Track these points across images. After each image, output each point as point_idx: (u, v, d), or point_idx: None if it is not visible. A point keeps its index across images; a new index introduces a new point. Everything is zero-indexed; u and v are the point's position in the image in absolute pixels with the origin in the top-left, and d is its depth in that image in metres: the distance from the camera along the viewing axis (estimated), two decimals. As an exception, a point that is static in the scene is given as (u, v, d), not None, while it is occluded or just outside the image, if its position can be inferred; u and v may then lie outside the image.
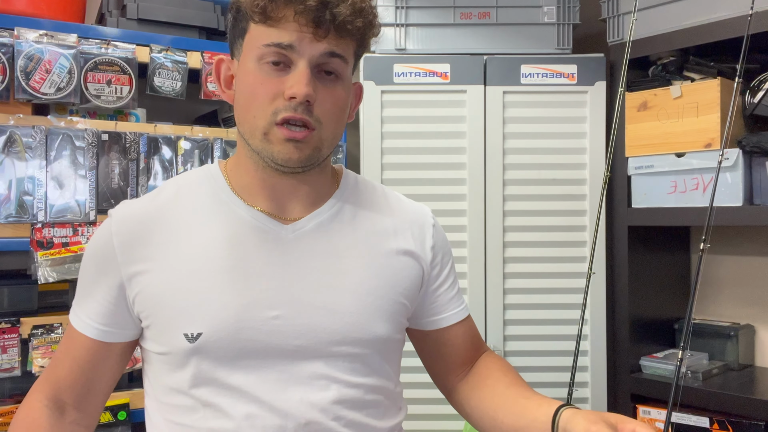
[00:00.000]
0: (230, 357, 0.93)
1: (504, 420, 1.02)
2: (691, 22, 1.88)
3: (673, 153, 1.91)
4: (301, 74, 0.91)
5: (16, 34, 1.68)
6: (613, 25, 2.06)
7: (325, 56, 0.93)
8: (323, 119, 0.94)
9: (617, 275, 2.04)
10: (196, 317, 0.93)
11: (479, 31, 2.06)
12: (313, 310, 0.96)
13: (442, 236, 1.13)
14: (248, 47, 0.95)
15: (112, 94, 1.80)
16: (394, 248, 1.04)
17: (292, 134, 0.92)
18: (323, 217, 1.01)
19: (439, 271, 1.11)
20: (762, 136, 1.77)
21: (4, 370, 1.63)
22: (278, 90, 0.92)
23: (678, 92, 1.90)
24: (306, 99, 0.90)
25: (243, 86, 0.96)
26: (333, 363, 0.97)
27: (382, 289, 1.01)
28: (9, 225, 1.65)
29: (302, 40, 0.91)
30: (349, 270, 0.99)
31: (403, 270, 1.04)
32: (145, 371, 1.02)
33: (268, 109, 0.92)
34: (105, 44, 1.80)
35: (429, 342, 1.14)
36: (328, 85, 0.95)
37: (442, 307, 1.11)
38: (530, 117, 2.04)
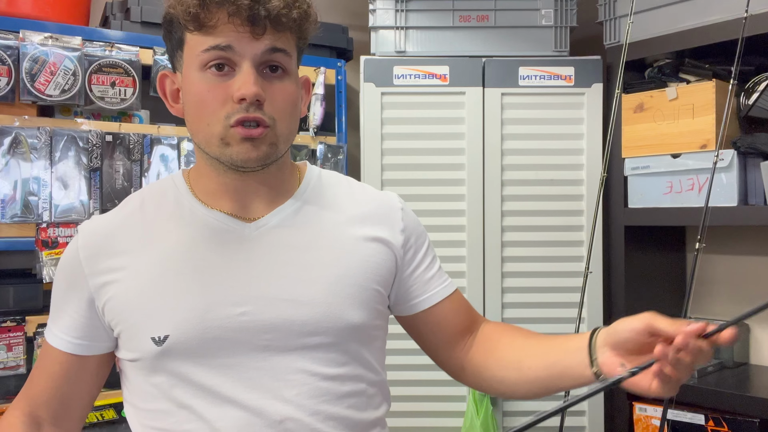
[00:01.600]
0: (200, 356, 0.91)
1: (531, 365, 0.98)
2: (687, 25, 1.88)
3: (669, 154, 1.91)
4: (246, 74, 0.89)
5: (21, 37, 1.68)
6: (609, 27, 2.06)
7: (267, 53, 0.91)
8: (276, 116, 0.92)
9: (614, 274, 2.04)
10: (163, 320, 0.91)
11: (478, 33, 2.06)
12: (281, 303, 0.93)
13: (412, 218, 1.09)
14: (188, 58, 0.93)
15: (116, 96, 1.80)
16: (361, 235, 1.01)
17: (248, 132, 0.90)
18: (286, 213, 0.99)
19: (414, 253, 1.07)
20: (756, 137, 1.77)
21: (9, 367, 1.63)
22: (226, 94, 0.90)
23: (674, 94, 1.90)
24: (256, 98, 0.89)
25: (190, 97, 0.93)
26: (307, 355, 0.94)
27: (351, 276, 0.98)
28: (14, 225, 1.66)
29: (241, 40, 0.89)
30: (316, 261, 0.97)
31: (373, 256, 1.01)
32: (123, 381, 1.01)
33: (221, 114, 0.90)
34: (109, 47, 1.80)
35: (422, 325, 1.10)
36: (276, 82, 0.93)
37: (424, 286, 1.07)
38: (528, 118, 2.04)
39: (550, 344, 0.98)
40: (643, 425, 1.95)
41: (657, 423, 1.91)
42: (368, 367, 1.00)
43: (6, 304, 1.78)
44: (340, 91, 2.17)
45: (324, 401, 0.94)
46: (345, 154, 2.18)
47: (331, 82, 2.15)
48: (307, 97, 1.05)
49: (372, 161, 2.02)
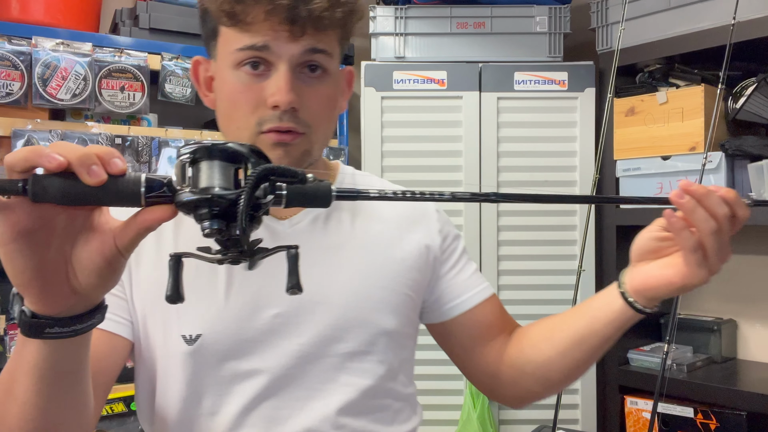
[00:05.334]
0: (229, 359, 0.83)
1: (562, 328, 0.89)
2: (677, 32, 1.88)
3: (659, 156, 1.91)
4: (281, 79, 0.80)
5: (33, 43, 1.68)
6: (602, 34, 2.06)
7: (306, 54, 0.81)
8: (312, 122, 0.84)
9: (606, 272, 2.04)
10: (196, 317, 0.83)
11: (475, 40, 2.06)
12: (314, 306, 0.85)
13: (446, 220, 1.01)
14: (222, 51, 0.85)
15: (125, 100, 1.80)
16: (396, 238, 0.93)
17: (280, 137, 0.82)
18: (319, 212, 0.91)
19: (450, 254, 0.98)
20: (744, 139, 1.76)
21: (22, 362, 1.63)
22: (259, 98, 0.81)
23: (664, 98, 1.90)
24: (290, 106, 0.81)
25: (222, 95, 0.86)
26: (339, 364, 0.86)
27: (383, 279, 0.90)
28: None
29: (278, 40, 0.80)
30: (349, 263, 0.89)
31: (407, 260, 0.93)
32: (139, 377, 0.89)
33: (252, 120, 0.82)
34: (118, 52, 1.79)
35: (457, 330, 0.98)
36: (314, 84, 0.84)
37: (461, 288, 0.97)
38: (523, 122, 2.04)
39: (578, 310, 0.90)
40: (634, 418, 1.95)
41: (647, 416, 1.91)
42: (398, 379, 0.92)
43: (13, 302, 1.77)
44: (341, 95, 2.16)
45: (350, 414, 0.86)
46: (346, 156, 2.18)
47: (333, 87, 2.15)
48: (349, 91, 0.96)
49: (372, 163, 2.02)
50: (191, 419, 0.85)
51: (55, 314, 0.58)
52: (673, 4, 1.88)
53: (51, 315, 0.58)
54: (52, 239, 0.56)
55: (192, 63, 0.93)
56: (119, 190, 0.53)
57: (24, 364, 0.62)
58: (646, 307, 0.83)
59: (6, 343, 1.61)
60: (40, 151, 0.51)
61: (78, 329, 0.59)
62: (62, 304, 0.58)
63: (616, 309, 0.83)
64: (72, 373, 0.65)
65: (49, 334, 0.58)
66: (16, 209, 0.53)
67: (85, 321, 0.60)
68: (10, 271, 0.56)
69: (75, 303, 0.58)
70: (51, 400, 0.64)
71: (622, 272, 0.85)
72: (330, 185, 0.58)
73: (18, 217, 0.53)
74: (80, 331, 0.60)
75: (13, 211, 0.53)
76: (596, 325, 0.85)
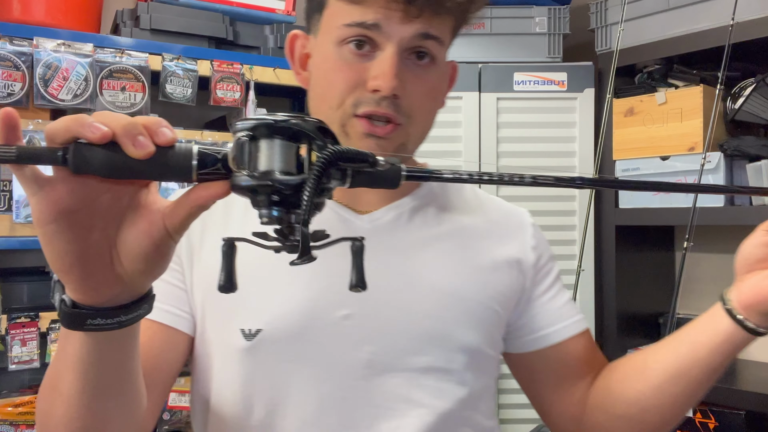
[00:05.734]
0: (291, 361, 0.74)
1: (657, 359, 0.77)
2: (676, 32, 1.88)
3: (658, 156, 1.91)
4: (387, 62, 0.73)
5: (35, 44, 1.68)
6: (601, 35, 2.06)
7: (417, 38, 0.74)
8: (412, 113, 0.76)
9: (605, 272, 2.04)
10: (256, 311, 0.75)
11: (474, 40, 2.06)
12: (389, 311, 0.76)
13: (543, 238, 0.91)
14: (326, 26, 0.77)
15: (126, 101, 1.80)
16: (485, 248, 0.84)
17: (372, 129, 0.74)
18: (404, 209, 0.83)
19: (544, 275, 0.88)
20: (742, 140, 1.76)
21: (23, 362, 1.63)
22: (360, 79, 0.74)
23: (663, 99, 1.90)
24: (393, 93, 0.73)
25: (319, 72, 0.78)
26: (415, 380, 0.75)
27: (469, 290, 0.80)
28: (28, 224, 1.65)
29: (390, 20, 0.72)
30: (431, 267, 0.80)
31: (496, 272, 0.83)
32: (193, 378, 0.82)
33: (348, 100, 0.74)
34: (119, 53, 1.79)
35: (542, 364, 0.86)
36: (420, 73, 0.76)
37: (552, 317, 0.86)
38: (523, 122, 2.04)
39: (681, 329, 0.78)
40: (633, 417, 1.95)
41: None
42: (479, 408, 0.81)
43: (20, 300, 1.78)
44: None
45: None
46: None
47: (333, 87, 2.15)
48: (451, 85, 0.87)
49: (372, 163, 2.02)
50: (237, 422, 0.76)
51: (98, 304, 0.52)
52: (672, 5, 1.88)
53: (93, 305, 0.52)
54: (95, 220, 0.50)
55: (289, 37, 0.84)
56: (168, 163, 0.48)
57: (67, 358, 0.56)
58: (759, 326, 0.71)
59: (7, 343, 1.61)
60: (83, 120, 0.46)
61: (123, 321, 0.53)
62: (106, 292, 0.52)
63: (724, 330, 0.72)
64: (118, 369, 0.58)
65: (92, 326, 0.52)
66: (57, 186, 0.47)
67: (131, 312, 0.53)
68: (49, 254, 0.50)
69: (119, 292, 0.52)
70: (96, 398, 0.58)
71: (726, 290, 0.74)
72: (400, 164, 0.51)
73: (59, 194, 0.47)
74: (125, 323, 0.53)
75: (54, 188, 0.47)
76: (699, 353, 0.74)
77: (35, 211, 0.48)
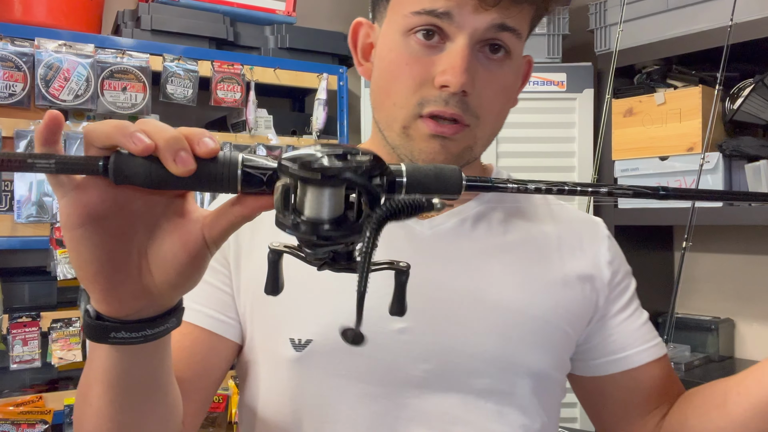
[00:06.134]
0: (341, 375, 0.69)
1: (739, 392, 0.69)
2: (674, 33, 1.88)
3: (657, 156, 1.91)
4: (457, 55, 0.66)
5: (36, 44, 1.68)
6: (600, 35, 2.06)
7: (492, 29, 0.67)
8: (481, 113, 0.69)
9: (604, 272, 2.03)
10: (307, 320, 0.70)
11: (474, 41, 2.06)
12: (449, 327, 0.70)
13: (619, 251, 0.83)
14: (393, 13, 0.71)
15: (127, 101, 1.80)
16: (557, 261, 0.76)
17: (439, 129, 0.68)
18: (468, 215, 0.76)
19: (620, 293, 0.80)
20: (741, 140, 1.77)
21: (25, 361, 1.63)
22: (427, 74, 0.68)
23: (662, 99, 1.90)
24: (462, 89, 0.66)
25: (384, 63, 0.72)
26: (473, 402, 0.69)
27: (539, 309, 0.73)
28: (30, 224, 1.65)
29: (463, 8, 0.66)
30: (497, 281, 0.73)
31: (569, 289, 0.75)
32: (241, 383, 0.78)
33: (413, 99, 0.69)
34: (120, 54, 1.80)
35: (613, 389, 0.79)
36: (493, 68, 0.69)
37: (628, 339, 0.79)
38: (522, 122, 2.04)
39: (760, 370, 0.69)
40: (632, 416, 1.95)
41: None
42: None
43: (22, 300, 1.78)
44: (341, 96, 2.17)
45: None
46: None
47: (333, 88, 2.15)
48: (524, 82, 0.81)
49: (372, 163, 2.02)
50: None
51: (123, 317, 0.48)
52: (671, 6, 1.89)
53: (118, 317, 0.48)
54: (126, 228, 0.46)
55: (353, 25, 0.78)
56: (211, 174, 0.44)
57: (94, 370, 0.53)
58: None
59: (9, 342, 1.61)
60: (126, 130, 0.43)
61: (149, 335, 0.49)
62: (131, 305, 0.48)
63: None
64: (147, 381, 0.55)
65: (116, 339, 0.49)
66: (88, 189, 0.44)
67: (158, 326, 0.50)
68: (74, 260, 0.46)
69: (146, 304, 0.49)
70: (125, 411, 0.55)
71: None
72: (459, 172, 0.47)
73: (89, 198, 0.44)
74: (151, 338, 0.49)
75: (85, 191, 0.44)
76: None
77: (63, 214, 0.45)
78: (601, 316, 0.79)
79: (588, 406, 0.84)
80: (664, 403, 0.80)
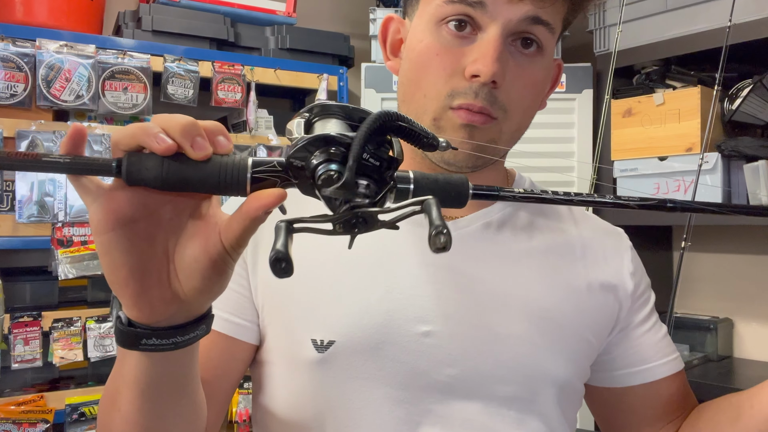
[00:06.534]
0: (364, 378, 0.67)
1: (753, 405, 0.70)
2: (673, 34, 1.88)
3: (656, 157, 1.91)
4: (489, 44, 0.65)
5: (37, 45, 1.68)
6: (599, 36, 2.06)
7: (525, 22, 0.66)
8: (509, 107, 0.68)
9: (603, 272, 2.04)
10: (329, 320, 0.68)
11: (473, 42, 2.06)
12: (474, 332, 0.68)
13: (640, 263, 0.83)
14: (426, 4, 0.70)
15: (128, 102, 1.80)
16: (581, 269, 0.76)
17: (470, 117, 0.67)
18: (493, 217, 0.75)
19: (642, 305, 0.80)
20: (739, 140, 1.77)
21: (26, 360, 1.63)
22: (458, 64, 0.67)
23: (661, 99, 1.90)
24: (492, 79, 0.65)
25: (413, 55, 0.70)
26: (495, 409, 0.68)
27: (564, 317, 0.72)
28: (31, 224, 1.66)
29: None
30: (523, 286, 0.72)
31: (592, 298, 0.75)
32: (255, 384, 0.76)
33: (443, 89, 0.67)
34: (121, 54, 1.80)
35: (629, 401, 0.79)
36: (524, 62, 0.68)
37: (648, 352, 0.78)
38: (521, 123, 2.04)
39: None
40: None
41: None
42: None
43: (23, 300, 1.78)
44: (342, 96, 2.17)
45: None
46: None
47: (334, 89, 2.15)
48: (554, 86, 0.80)
49: (372, 164, 2.02)
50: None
51: (154, 323, 0.48)
52: (670, 7, 1.88)
53: (149, 323, 0.48)
54: (155, 232, 0.47)
55: (383, 20, 0.77)
56: (221, 174, 0.45)
57: (124, 376, 0.53)
58: None
59: (10, 342, 1.61)
60: (149, 130, 0.44)
61: (179, 342, 0.49)
62: (162, 311, 0.48)
63: None
64: (177, 388, 0.55)
65: (147, 346, 0.49)
66: (116, 194, 0.45)
67: (188, 333, 0.50)
68: (105, 266, 0.46)
69: (176, 311, 0.49)
70: (154, 418, 0.55)
71: None
72: (466, 180, 0.47)
73: (118, 203, 0.45)
74: (181, 344, 0.50)
75: (113, 196, 0.45)
76: None
77: (93, 220, 0.45)
78: (622, 327, 0.78)
79: (600, 415, 0.83)
80: (679, 417, 0.80)
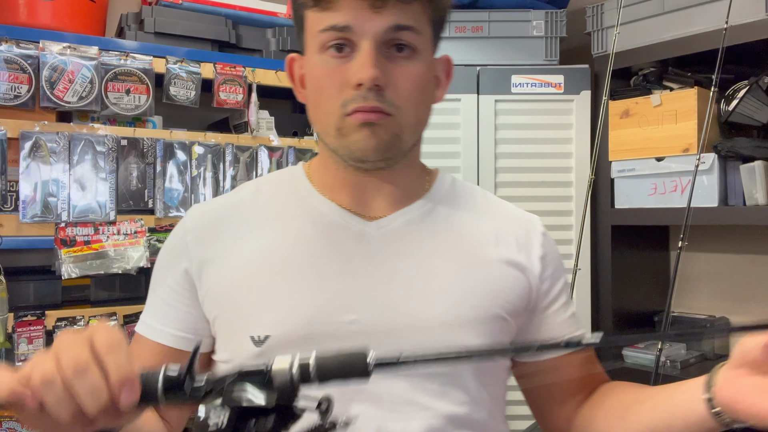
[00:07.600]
0: None
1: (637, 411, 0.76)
2: (670, 36, 1.88)
3: (653, 157, 1.91)
4: (364, 56, 0.73)
5: (41, 47, 1.68)
6: (597, 38, 2.06)
7: (390, 31, 0.74)
8: (399, 103, 0.76)
9: (601, 271, 2.04)
10: (265, 318, 0.76)
11: (473, 43, 2.06)
12: (396, 317, 0.76)
13: (552, 247, 0.90)
14: (309, 39, 0.78)
15: (130, 103, 1.80)
16: (494, 255, 0.83)
17: (366, 116, 0.74)
18: (413, 215, 0.83)
19: (550, 287, 0.86)
20: (736, 141, 1.77)
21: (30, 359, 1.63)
22: (344, 79, 0.75)
23: (658, 101, 1.90)
24: (374, 83, 0.73)
25: (311, 82, 0.80)
26: (419, 384, 0.75)
27: (477, 297, 0.79)
28: (35, 224, 1.66)
29: (359, 18, 0.73)
30: (440, 274, 0.79)
31: (505, 280, 0.82)
32: None
33: (337, 102, 0.75)
34: (124, 56, 1.80)
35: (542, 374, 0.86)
36: (402, 64, 0.76)
37: (554, 330, 0.86)
38: (520, 124, 2.04)
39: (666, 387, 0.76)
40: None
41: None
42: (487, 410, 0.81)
43: (27, 299, 1.78)
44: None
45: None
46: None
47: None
48: (447, 79, 0.88)
49: (372, 164, 2.02)
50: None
51: None
52: (667, 9, 1.89)
53: None
54: None
55: (287, 61, 0.86)
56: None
57: None
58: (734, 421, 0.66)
59: (14, 341, 1.61)
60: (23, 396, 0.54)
61: None
62: None
63: (699, 413, 0.68)
64: None
65: None
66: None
67: None
68: None
69: None
70: None
71: (716, 369, 0.69)
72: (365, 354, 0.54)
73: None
74: None
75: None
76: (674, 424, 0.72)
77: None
78: (533, 308, 0.85)
79: (523, 391, 0.90)
80: (582, 392, 0.87)
